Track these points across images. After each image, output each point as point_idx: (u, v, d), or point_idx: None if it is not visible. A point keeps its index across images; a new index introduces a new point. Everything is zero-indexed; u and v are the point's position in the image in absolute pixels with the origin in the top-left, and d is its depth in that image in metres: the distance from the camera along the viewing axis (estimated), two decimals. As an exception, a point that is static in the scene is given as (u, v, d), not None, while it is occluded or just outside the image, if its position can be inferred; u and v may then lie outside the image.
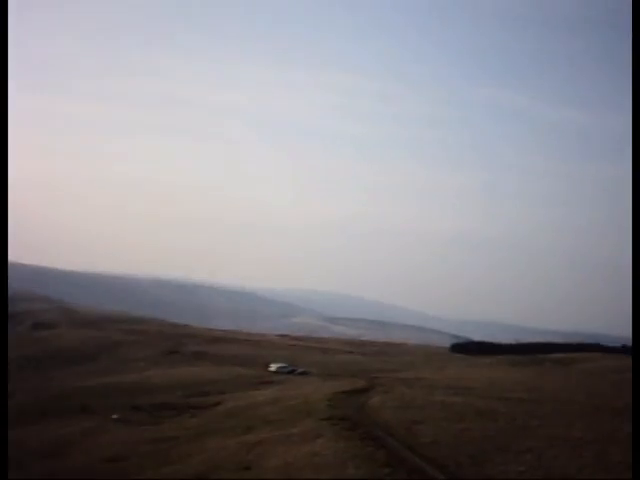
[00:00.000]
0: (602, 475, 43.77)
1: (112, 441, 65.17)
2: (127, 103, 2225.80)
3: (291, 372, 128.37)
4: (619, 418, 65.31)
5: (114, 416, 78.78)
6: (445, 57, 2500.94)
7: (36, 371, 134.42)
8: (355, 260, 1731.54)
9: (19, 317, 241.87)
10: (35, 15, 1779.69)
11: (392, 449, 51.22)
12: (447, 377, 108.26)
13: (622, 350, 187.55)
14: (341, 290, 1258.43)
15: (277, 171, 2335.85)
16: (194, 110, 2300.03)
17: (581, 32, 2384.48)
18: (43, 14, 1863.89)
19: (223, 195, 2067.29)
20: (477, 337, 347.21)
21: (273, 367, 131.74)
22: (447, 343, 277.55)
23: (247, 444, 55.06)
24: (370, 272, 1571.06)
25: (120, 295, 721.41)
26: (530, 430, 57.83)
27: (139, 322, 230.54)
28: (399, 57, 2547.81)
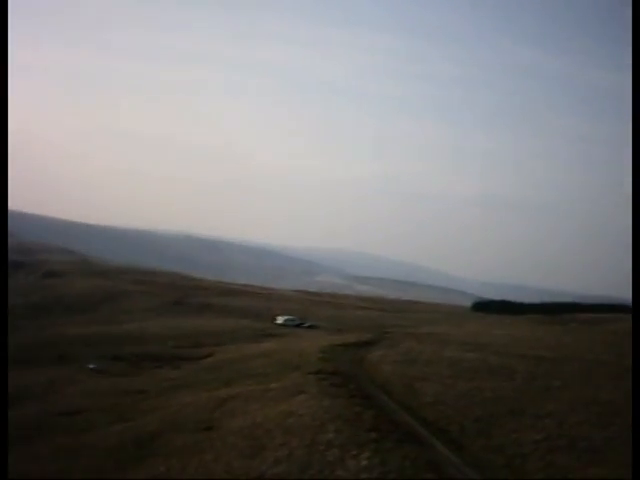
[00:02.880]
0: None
1: (76, 393, 57.96)
2: (141, 58, 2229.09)
3: (298, 325, 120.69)
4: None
5: (90, 366, 71.56)
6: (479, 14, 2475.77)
7: (32, 319, 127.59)
8: (382, 220, 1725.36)
9: (33, 266, 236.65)
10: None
11: (384, 409, 43.14)
12: (463, 333, 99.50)
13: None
14: (368, 250, 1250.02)
15: (306, 130, 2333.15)
16: (222, 67, 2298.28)
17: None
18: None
19: (250, 154, 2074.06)
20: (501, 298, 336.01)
21: (280, 320, 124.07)
22: (468, 302, 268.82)
23: (218, 400, 47.23)
24: (397, 232, 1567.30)
25: (144, 250, 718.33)
26: (551, 392, 49.22)
27: (151, 274, 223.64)
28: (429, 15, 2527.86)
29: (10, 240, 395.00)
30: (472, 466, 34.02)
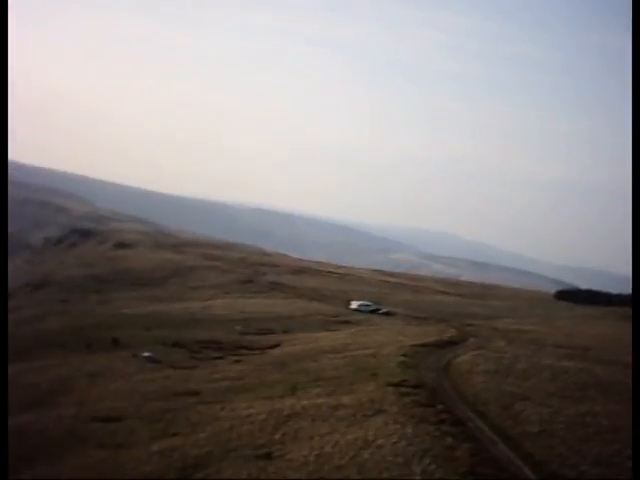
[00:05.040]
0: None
1: (121, 391, 51.03)
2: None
3: (374, 311, 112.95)
4: None
5: (144, 354, 64.91)
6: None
7: (94, 293, 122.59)
8: (460, 200, 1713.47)
9: (104, 235, 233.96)
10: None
11: (481, 441, 35.28)
12: (555, 331, 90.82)
13: None
14: (444, 229, 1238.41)
15: (385, 109, 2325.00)
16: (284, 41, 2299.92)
17: None
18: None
19: (330, 131, 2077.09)
20: (579, 284, 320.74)
21: (354, 305, 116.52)
22: (548, 288, 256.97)
23: (280, 415, 39.75)
24: (475, 213, 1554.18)
25: (219, 222, 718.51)
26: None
27: (222, 248, 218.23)
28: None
29: (84, 208, 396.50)
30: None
